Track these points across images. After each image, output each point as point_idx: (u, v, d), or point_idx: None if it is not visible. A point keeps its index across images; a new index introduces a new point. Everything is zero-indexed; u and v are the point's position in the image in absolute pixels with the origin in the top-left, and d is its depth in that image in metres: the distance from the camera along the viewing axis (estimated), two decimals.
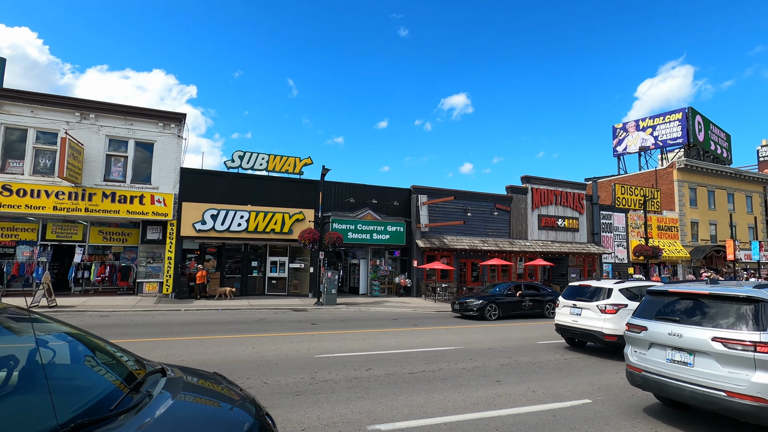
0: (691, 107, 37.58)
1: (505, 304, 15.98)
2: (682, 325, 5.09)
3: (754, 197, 40.52)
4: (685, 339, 4.96)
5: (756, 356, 4.39)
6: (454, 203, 25.53)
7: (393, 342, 10.47)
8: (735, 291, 4.91)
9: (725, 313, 4.86)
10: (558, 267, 29.44)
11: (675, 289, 5.55)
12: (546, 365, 8.30)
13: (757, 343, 4.41)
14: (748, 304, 4.72)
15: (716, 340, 4.66)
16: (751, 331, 4.52)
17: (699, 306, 5.17)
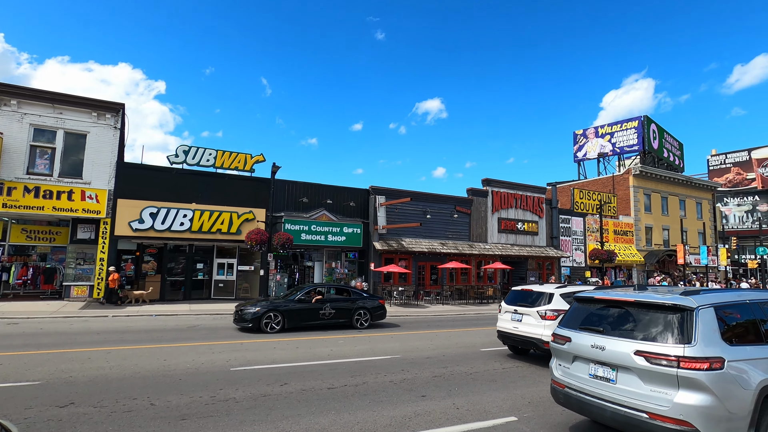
0: (647, 116, 38.79)
1: (294, 312, 12.69)
2: (605, 337, 4.57)
3: (703, 204, 42.25)
4: (607, 352, 4.42)
5: (679, 372, 3.89)
6: (414, 205, 25.03)
7: (327, 351, 9.70)
8: (661, 298, 4.43)
9: (651, 324, 4.35)
10: (517, 270, 29.46)
11: (601, 296, 5.04)
12: (481, 376, 7.74)
13: (680, 358, 3.91)
14: (674, 313, 4.24)
15: (639, 354, 4.15)
16: (674, 344, 4.03)
17: (625, 315, 4.67)
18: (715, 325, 4.12)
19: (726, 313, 4.34)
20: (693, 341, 3.96)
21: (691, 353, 3.90)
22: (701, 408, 3.79)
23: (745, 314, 4.50)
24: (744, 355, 4.06)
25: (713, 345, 3.98)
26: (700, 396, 3.82)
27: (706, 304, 4.23)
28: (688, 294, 4.44)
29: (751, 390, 3.90)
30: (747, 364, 4.01)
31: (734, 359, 3.95)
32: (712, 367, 3.84)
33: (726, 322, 4.27)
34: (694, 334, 4.01)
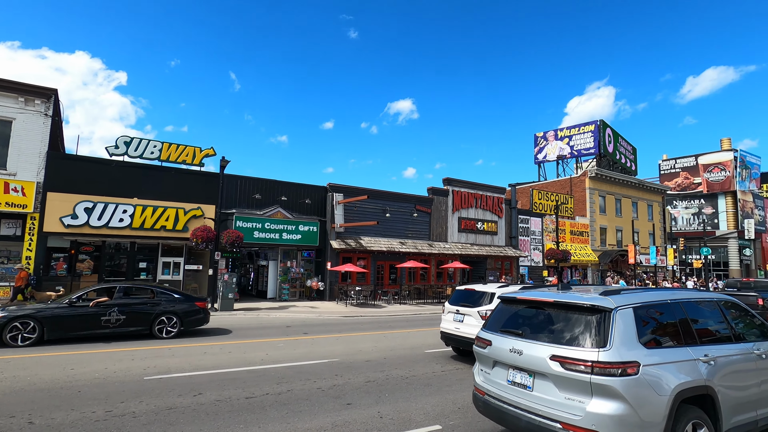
0: (603, 120, 40.12)
1: (59, 319, 9.77)
2: (523, 340, 4.26)
3: (654, 206, 44.17)
4: (525, 357, 4.13)
5: (592, 379, 3.61)
6: (373, 203, 24.66)
7: (261, 355, 9.11)
8: (579, 299, 4.14)
9: (569, 326, 4.06)
10: (477, 270, 29.66)
11: (523, 296, 4.74)
12: (418, 380, 7.40)
13: (594, 363, 3.63)
14: (592, 315, 3.96)
15: (554, 359, 3.86)
16: (589, 349, 3.75)
17: (545, 317, 4.36)
18: (632, 327, 3.88)
19: (646, 314, 4.13)
20: (608, 345, 3.70)
21: (605, 358, 3.64)
22: (614, 417, 3.54)
23: (667, 315, 4.30)
24: (662, 358, 3.86)
25: (629, 348, 3.73)
26: (613, 404, 3.56)
27: (625, 305, 3.99)
28: (608, 294, 4.18)
29: (666, 396, 3.68)
30: (664, 368, 3.80)
31: (651, 363, 3.74)
32: (626, 372, 3.60)
33: (646, 323, 4.06)
34: (610, 337, 3.75)
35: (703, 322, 4.61)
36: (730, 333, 4.68)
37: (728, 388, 4.19)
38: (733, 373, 4.31)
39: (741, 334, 4.84)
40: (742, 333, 4.87)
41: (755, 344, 4.78)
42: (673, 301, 4.45)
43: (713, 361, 4.15)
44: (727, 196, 52.31)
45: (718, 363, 4.19)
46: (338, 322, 15.55)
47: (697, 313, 4.60)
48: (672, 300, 4.46)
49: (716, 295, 5.09)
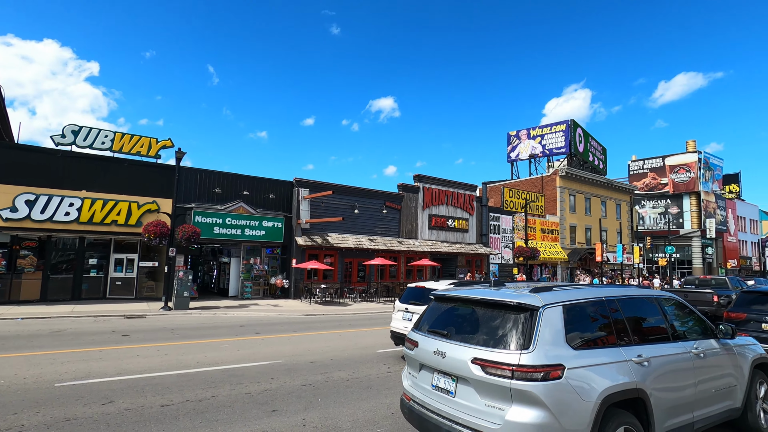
0: (573, 120, 40.66)
1: None
2: (448, 342, 3.93)
3: (622, 205, 45.16)
4: (448, 359, 3.80)
5: (512, 384, 3.30)
6: (341, 199, 24.16)
7: (199, 357, 8.53)
8: (506, 297, 3.83)
9: (494, 326, 3.75)
10: (447, 267, 29.55)
11: (452, 294, 4.40)
12: (359, 383, 6.99)
13: (515, 367, 3.33)
14: (518, 314, 3.65)
15: (476, 362, 3.54)
16: (511, 351, 3.43)
17: (471, 316, 4.03)
18: (560, 327, 3.59)
19: (578, 312, 3.84)
20: (531, 346, 3.40)
21: (526, 361, 3.33)
22: (532, 426, 3.23)
23: (601, 313, 4.03)
24: (590, 360, 3.57)
25: (555, 350, 3.44)
26: (533, 411, 3.26)
27: (554, 303, 3.70)
28: (538, 291, 3.88)
29: (591, 401, 3.40)
30: (592, 370, 3.52)
31: (577, 366, 3.45)
32: (549, 376, 3.31)
33: (576, 323, 3.77)
34: (534, 337, 3.45)
35: (639, 320, 4.38)
36: (668, 332, 4.49)
37: (662, 390, 3.97)
38: (668, 374, 4.10)
39: (680, 332, 4.65)
40: (682, 331, 4.69)
41: (695, 343, 4.60)
42: (608, 299, 4.18)
43: (647, 362, 3.92)
44: (691, 197, 54.04)
45: (653, 364, 3.97)
46: (297, 321, 15.02)
47: (633, 312, 4.35)
48: (607, 297, 4.19)
49: (656, 293, 4.88)
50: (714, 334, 4.93)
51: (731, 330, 4.95)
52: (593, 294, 4.13)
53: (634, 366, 3.77)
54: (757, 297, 9.81)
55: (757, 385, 5.18)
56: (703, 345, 4.65)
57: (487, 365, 3.45)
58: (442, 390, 3.85)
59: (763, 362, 5.38)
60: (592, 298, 4.05)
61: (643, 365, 3.85)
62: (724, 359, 4.81)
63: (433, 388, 3.95)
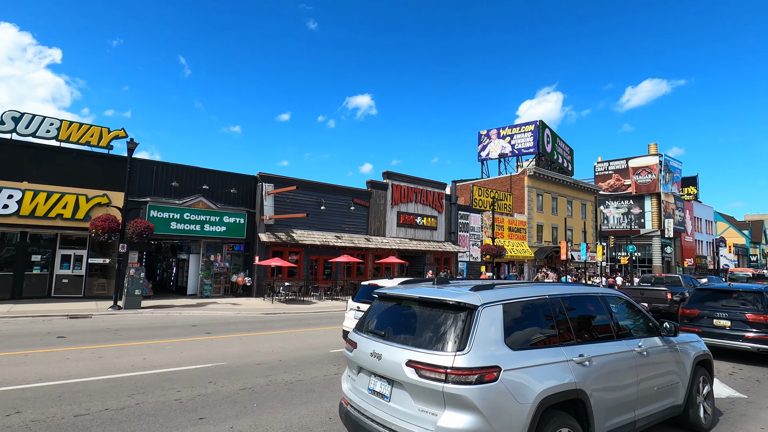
0: (542, 121, 41.40)
1: None
2: (384, 343, 3.73)
3: (587, 205, 46.39)
4: (383, 362, 3.61)
5: (445, 388, 3.13)
6: (308, 195, 23.64)
7: (136, 360, 7.97)
8: (445, 295, 3.64)
9: (431, 326, 3.56)
10: (415, 265, 29.50)
11: (392, 293, 4.20)
12: (303, 385, 6.64)
13: (449, 370, 3.15)
14: (456, 313, 3.47)
15: (410, 365, 3.36)
16: (446, 353, 3.25)
17: (410, 315, 3.86)
18: (499, 327, 3.45)
19: (519, 311, 3.72)
20: (467, 347, 3.23)
21: (460, 363, 3.16)
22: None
23: (543, 312, 3.91)
24: (529, 361, 3.44)
25: (492, 351, 3.30)
26: (465, 417, 3.10)
27: (494, 301, 3.55)
28: (478, 289, 3.70)
29: (528, 404, 3.25)
30: (530, 371, 3.39)
31: (515, 367, 3.32)
32: (484, 379, 3.15)
33: (516, 322, 3.63)
34: (471, 338, 3.28)
35: (583, 319, 4.30)
36: (613, 331, 4.42)
37: (604, 390, 3.89)
38: (610, 373, 4.02)
39: (625, 331, 4.60)
40: (627, 330, 4.64)
41: (639, 341, 4.55)
42: (552, 297, 4.07)
43: (589, 361, 3.82)
44: (652, 198, 56.16)
45: (594, 363, 3.87)
46: (255, 320, 14.50)
47: (578, 310, 4.27)
48: (551, 296, 4.08)
49: (601, 290, 4.80)
50: (658, 332, 4.91)
51: (674, 327, 4.94)
52: (537, 292, 4.00)
53: (575, 366, 3.68)
54: (710, 294, 10.32)
55: (699, 382, 5.22)
56: (647, 343, 4.62)
57: (421, 368, 3.27)
58: (377, 394, 3.66)
59: (704, 359, 5.42)
60: (535, 297, 3.93)
61: (585, 365, 3.76)
62: (667, 357, 4.79)
63: (369, 392, 3.76)
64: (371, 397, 3.71)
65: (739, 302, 9.67)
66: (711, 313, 9.80)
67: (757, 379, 7.86)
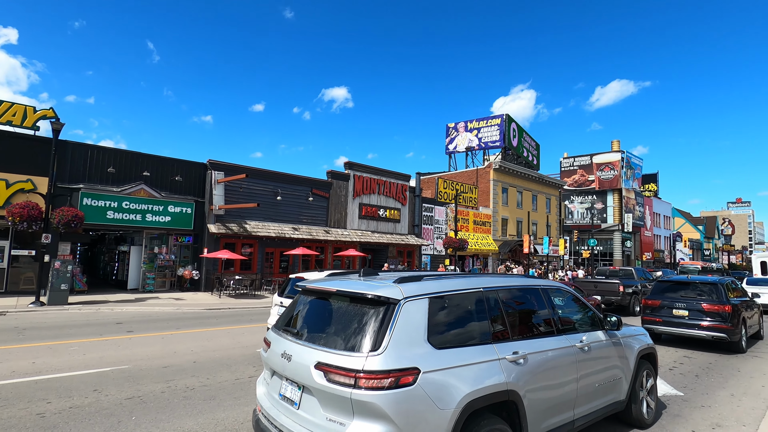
0: (508, 115, 41.44)
1: None
2: (296, 342, 3.34)
3: (552, 199, 47.04)
4: (293, 364, 3.23)
5: (353, 394, 2.77)
6: (264, 185, 22.57)
7: (19, 366, 6.95)
8: (365, 287, 3.25)
9: (347, 323, 3.18)
10: (378, 258, 28.91)
11: (312, 286, 3.73)
12: (205, 392, 5.85)
13: (359, 373, 2.79)
14: (375, 308, 3.10)
15: (319, 368, 3.00)
16: (357, 353, 2.87)
17: (327, 312, 3.45)
18: (421, 323, 3.09)
19: (448, 305, 3.39)
20: (382, 347, 2.87)
21: (373, 365, 2.79)
22: None
23: (476, 306, 3.57)
24: (454, 360, 3.08)
25: (410, 351, 2.94)
26: (375, 427, 2.74)
27: (419, 295, 3.19)
28: (403, 281, 3.32)
29: (450, 409, 2.91)
30: (455, 373, 3.04)
31: (437, 368, 2.97)
32: (398, 383, 2.80)
33: (444, 317, 3.31)
34: (387, 337, 2.92)
35: (522, 313, 4.03)
36: (553, 325, 4.15)
37: (540, 390, 3.62)
38: (547, 371, 3.74)
39: (567, 325, 4.35)
40: (569, 324, 4.42)
41: (582, 335, 4.33)
42: (487, 290, 3.73)
43: (524, 359, 3.53)
44: (614, 193, 57.64)
45: (530, 361, 3.58)
46: (193, 316, 13.50)
47: (516, 304, 4.00)
48: (487, 288, 3.73)
49: (545, 283, 4.53)
50: (602, 326, 4.70)
51: (617, 321, 4.74)
52: (470, 285, 3.66)
53: (508, 365, 3.38)
54: (670, 286, 10.84)
55: (643, 377, 5.07)
56: (590, 338, 4.38)
57: (330, 371, 2.91)
58: (287, 400, 3.28)
59: (649, 352, 5.27)
60: (468, 289, 3.59)
61: (519, 363, 3.47)
62: (610, 352, 4.58)
63: (280, 397, 3.38)
64: (282, 404, 3.33)
65: (696, 293, 10.20)
66: (671, 304, 10.25)
67: (696, 374, 7.64)
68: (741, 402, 6.07)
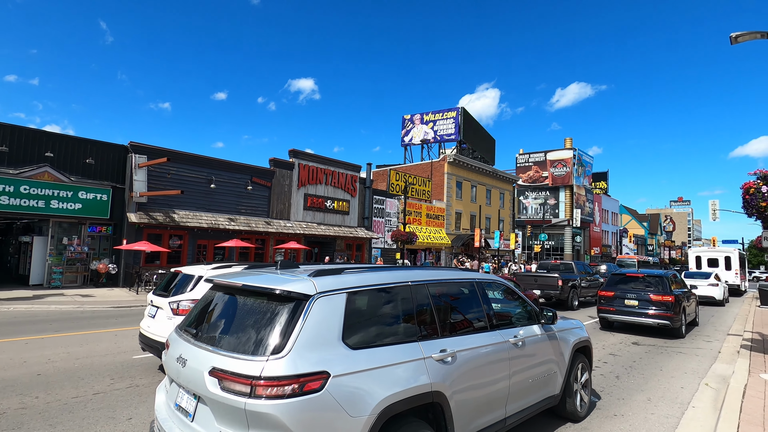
0: (464, 108, 41.24)
1: None
2: (194, 344, 2.96)
3: (506, 194, 47.51)
4: (187, 369, 2.87)
5: (248, 405, 2.43)
6: (196, 171, 20.84)
7: None
8: (273, 282, 2.92)
9: (251, 322, 2.84)
10: (325, 251, 27.78)
11: (218, 280, 3.32)
12: (63, 408, 4.60)
13: (256, 380, 2.46)
14: (284, 304, 2.77)
15: (214, 374, 2.63)
16: (257, 357, 2.54)
17: (231, 309, 3.08)
18: (337, 321, 2.81)
19: (369, 300, 3.13)
20: (285, 350, 2.56)
21: (273, 371, 2.47)
22: None
23: (403, 301, 3.30)
24: (372, 362, 2.82)
25: (320, 352, 2.65)
26: None
27: (335, 290, 2.90)
28: (320, 275, 3.01)
29: (363, 416, 2.63)
30: (371, 375, 2.77)
31: (351, 371, 2.70)
32: (303, 390, 2.50)
33: (364, 314, 3.06)
34: (294, 337, 2.61)
35: (452, 308, 3.82)
36: (487, 320, 3.94)
37: (469, 389, 3.42)
38: (477, 369, 3.54)
39: (502, 320, 4.19)
40: (504, 319, 4.27)
41: (518, 330, 4.20)
42: (416, 284, 3.46)
43: (452, 357, 3.31)
44: (566, 189, 59.23)
45: (459, 359, 3.37)
46: (91, 316, 11.89)
47: (447, 298, 3.79)
48: (415, 282, 3.46)
49: (479, 276, 4.28)
50: (538, 320, 4.59)
51: (553, 315, 4.63)
52: (397, 278, 3.39)
53: (434, 364, 3.16)
54: (622, 278, 11.98)
55: (578, 369, 5.00)
56: (525, 332, 4.25)
57: (224, 378, 2.58)
58: (182, 411, 2.93)
59: (584, 345, 5.22)
60: (393, 283, 3.31)
61: (446, 362, 3.26)
62: (545, 346, 4.48)
63: (175, 407, 3.04)
64: (176, 415, 3.00)
65: (644, 285, 11.34)
66: (623, 294, 11.34)
67: (618, 375, 7.12)
68: (656, 408, 5.50)
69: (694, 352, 9.11)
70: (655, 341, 10.31)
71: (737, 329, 12.11)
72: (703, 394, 6.01)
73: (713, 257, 28.52)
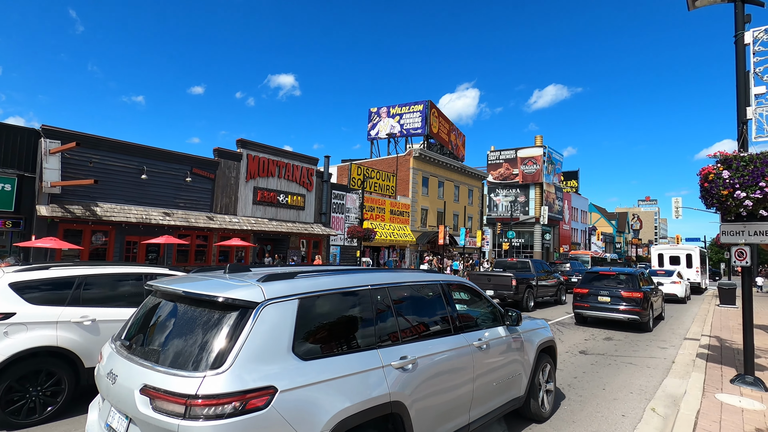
0: (431, 101, 40.08)
1: None
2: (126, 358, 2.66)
3: (475, 191, 46.72)
4: (117, 387, 2.58)
5: (182, 427, 2.18)
6: (126, 160, 18.82)
7: None
8: (215, 288, 2.61)
9: (191, 334, 2.50)
10: (279, 249, 26.08)
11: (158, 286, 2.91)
12: None
13: (192, 399, 2.20)
14: (227, 312, 2.51)
15: (145, 392, 2.37)
16: (193, 373, 2.28)
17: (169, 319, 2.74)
18: (286, 330, 2.55)
19: (323, 307, 2.85)
20: (226, 364, 2.32)
21: (210, 388, 2.23)
22: None
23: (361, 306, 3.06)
24: (325, 373, 2.59)
25: (267, 365, 2.40)
26: None
27: (285, 296, 2.64)
28: (270, 279, 2.72)
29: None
30: (324, 388, 2.55)
31: (301, 384, 2.47)
32: (245, 408, 2.25)
33: (319, 321, 2.80)
34: (236, 349, 2.35)
35: (414, 312, 3.59)
36: (451, 323, 3.77)
37: (430, 396, 3.22)
38: (439, 375, 3.35)
39: (466, 322, 4.00)
40: (469, 321, 4.09)
41: (483, 332, 4.07)
42: (375, 287, 3.23)
43: (412, 364, 3.12)
44: (536, 187, 59.04)
45: (420, 366, 3.18)
46: None
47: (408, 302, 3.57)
48: (375, 285, 3.23)
49: (442, 277, 4.10)
50: (503, 322, 4.52)
51: (518, 316, 4.57)
52: (355, 281, 3.17)
53: (393, 372, 2.98)
54: (595, 276, 12.66)
55: (542, 370, 4.97)
56: (489, 335, 4.15)
57: (156, 397, 2.32)
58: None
59: (549, 345, 5.17)
60: (350, 287, 3.09)
61: (406, 369, 3.09)
62: (509, 348, 4.40)
63: (106, 428, 2.71)
64: None
65: (616, 282, 11.98)
66: (596, 291, 12.01)
67: (575, 375, 6.00)
68: None
69: (645, 363, 8.03)
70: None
71: (695, 332, 11.24)
72: (647, 425, 4.80)
73: (675, 255, 28.33)
